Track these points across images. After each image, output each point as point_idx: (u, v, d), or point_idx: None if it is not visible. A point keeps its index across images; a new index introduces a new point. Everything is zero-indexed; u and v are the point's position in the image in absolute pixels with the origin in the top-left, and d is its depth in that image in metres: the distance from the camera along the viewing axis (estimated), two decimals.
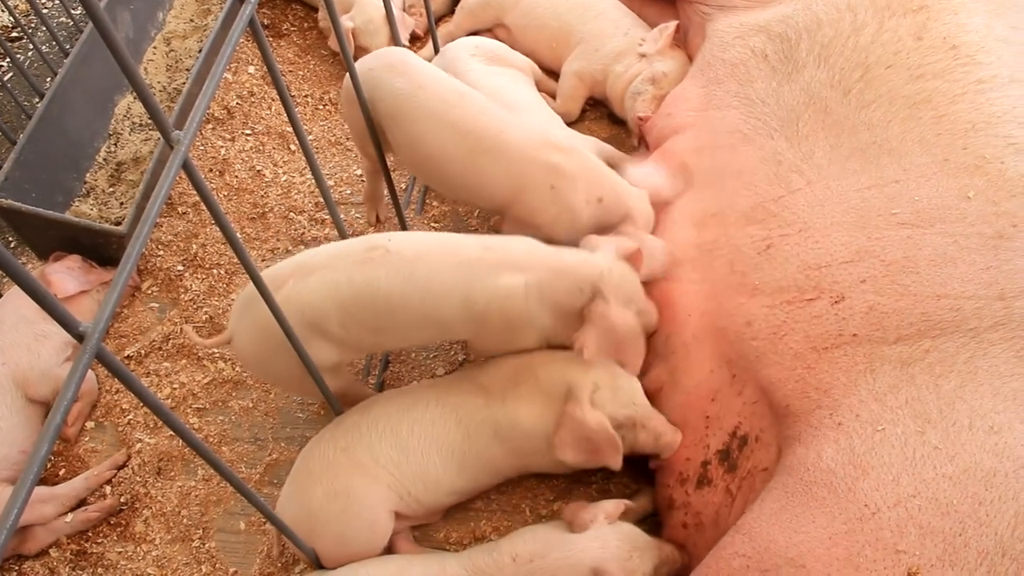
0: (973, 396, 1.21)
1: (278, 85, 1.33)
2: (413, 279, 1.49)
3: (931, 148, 1.46)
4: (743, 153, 1.75)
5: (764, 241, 1.57)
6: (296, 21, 2.82)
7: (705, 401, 1.59)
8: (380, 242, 1.52)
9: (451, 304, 1.52)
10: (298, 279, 1.49)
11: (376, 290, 1.49)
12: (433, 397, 1.63)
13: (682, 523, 1.54)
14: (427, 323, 1.56)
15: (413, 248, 1.52)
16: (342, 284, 1.49)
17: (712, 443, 1.55)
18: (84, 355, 0.82)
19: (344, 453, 1.57)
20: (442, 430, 1.59)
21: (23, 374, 1.85)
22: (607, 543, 1.45)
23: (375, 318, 1.52)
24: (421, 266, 1.50)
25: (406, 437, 1.58)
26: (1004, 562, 1.06)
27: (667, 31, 2.27)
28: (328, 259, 1.52)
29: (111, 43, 0.86)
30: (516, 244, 1.60)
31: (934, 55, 1.56)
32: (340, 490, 1.53)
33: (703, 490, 1.52)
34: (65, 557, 1.72)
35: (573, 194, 1.74)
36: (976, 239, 1.33)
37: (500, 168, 1.75)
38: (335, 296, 1.49)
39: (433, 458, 1.58)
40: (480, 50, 2.31)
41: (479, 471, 1.63)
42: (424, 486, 1.59)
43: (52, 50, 2.75)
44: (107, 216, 2.19)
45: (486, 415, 1.58)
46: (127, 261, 0.91)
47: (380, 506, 1.55)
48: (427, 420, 1.59)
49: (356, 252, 1.51)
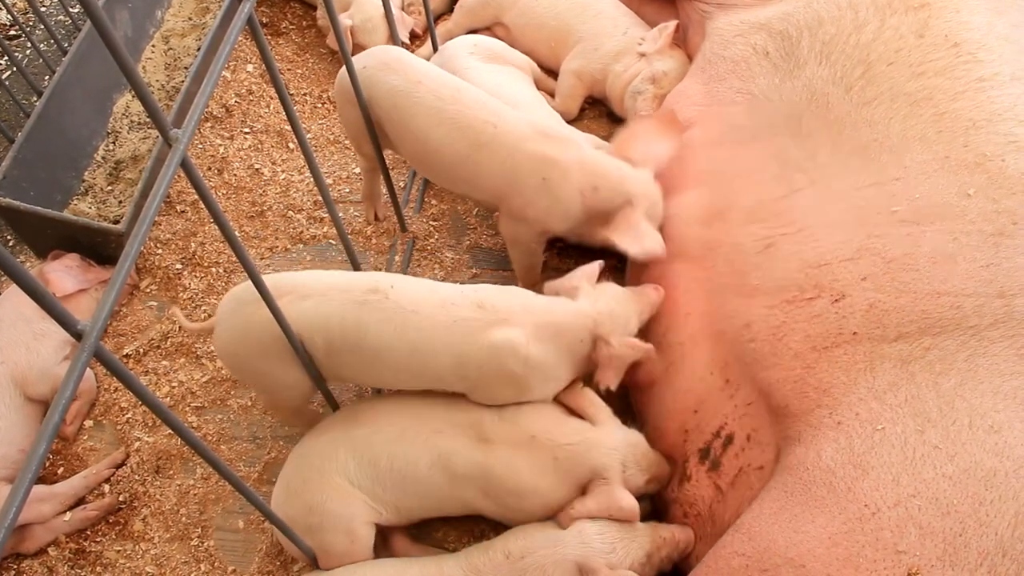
0: (973, 395, 1.21)
1: (276, 83, 1.33)
2: (404, 334, 1.48)
3: (932, 145, 1.45)
4: (748, 150, 1.75)
5: (765, 240, 1.57)
6: (294, 19, 2.81)
7: (691, 402, 1.60)
8: (383, 286, 1.50)
9: (442, 363, 1.51)
10: (294, 299, 1.48)
11: (364, 335, 1.48)
12: (422, 435, 1.57)
13: (683, 513, 1.56)
14: (417, 375, 1.55)
15: (411, 300, 1.50)
16: (333, 319, 1.47)
17: (691, 442, 1.57)
18: (82, 353, 0.82)
19: (319, 473, 1.56)
20: (424, 472, 1.55)
21: (22, 373, 1.84)
22: (588, 539, 1.47)
23: (360, 361, 1.52)
24: (413, 320, 1.48)
25: (384, 471, 1.56)
26: (1005, 562, 1.06)
27: (667, 30, 2.27)
28: (327, 288, 1.50)
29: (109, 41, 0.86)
30: (510, 300, 1.57)
31: (935, 53, 1.56)
32: (315, 506, 1.53)
33: (685, 486, 1.55)
34: (64, 556, 1.72)
35: (565, 185, 1.72)
36: (976, 236, 1.33)
37: (496, 161, 1.75)
38: (324, 328, 1.47)
39: (408, 495, 1.57)
40: (478, 48, 2.31)
41: (454, 510, 1.63)
42: (398, 512, 1.59)
43: (50, 48, 2.74)
44: (105, 214, 2.18)
45: (479, 472, 1.54)
46: (125, 259, 0.90)
47: (357, 520, 1.54)
48: (409, 458, 1.55)
49: (356, 290, 1.50)
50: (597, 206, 1.74)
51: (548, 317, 1.56)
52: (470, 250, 2.20)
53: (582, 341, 1.57)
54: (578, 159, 1.75)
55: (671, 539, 1.50)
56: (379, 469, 1.56)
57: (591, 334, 1.57)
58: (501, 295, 1.57)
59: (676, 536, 1.51)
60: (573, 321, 1.56)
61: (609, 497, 1.50)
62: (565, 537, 1.48)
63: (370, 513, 1.56)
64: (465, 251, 2.20)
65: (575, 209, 1.75)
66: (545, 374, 1.56)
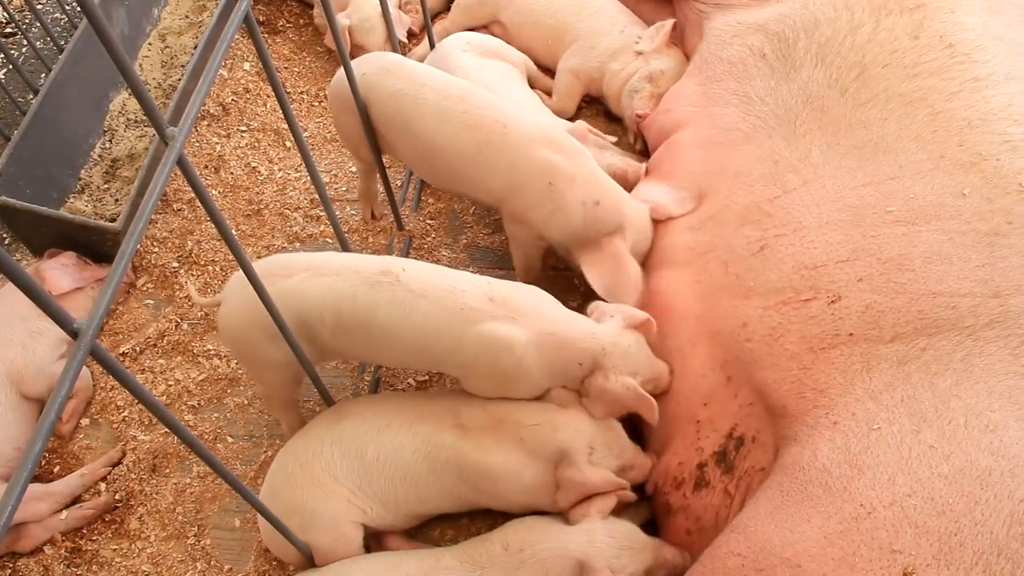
0: (968, 394, 1.21)
1: (273, 82, 1.33)
2: (410, 316, 1.50)
3: (927, 145, 1.46)
4: (741, 152, 1.75)
5: (759, 242, 1.57)
6: (291, 17, 2.81)
7: (698, 405, 1.59)
8: (395, 268, 1.52)
9: (443, 346, 1.52)
10: (309, 276, 1.51)
11: (374, 315, 1.50)
12: (406, 422, 1.59)
13: (685, 529, 1.53)
14: (418, 355, 1.57)
15: (420, 284, 1.52)
16: (346, 297, 1.50)
17: (706, 446, 1.54)
18: (78, 352, 0.82)
19: (301, 468, 1.57)
20: (409, 459, 1.57)
21: (18, 371, 1.84)
22: (596, 538, 1.46)
23: (367, 339, 1.54)
24: (422, 304, 1.50)
25: (371, 461, 1.57)
26: (1000, 561, 1.06)
27: (664, 29, 2.27)
28: (342, 267, 1.53)
29: (106, 39, 0.86)
30: (523, 297, 1.57)
31: (930, 53, 1.56)
32: (297, 505, 1.54)
33: (701, 492, 1.52)
34: (60, 555, 1.72)
35: (570, 193, 1.72)
36: (972, 236, 1.33)
37: (502, 161, 1.74)
38: (335, 306, 1.50)
39: (396, 485, 1.58)
40: (472, 46, 2.31)
41: (441, 502, 1.62)
42: (384, 507, 1.59)
43: (47, 46, 2.74)
44: (102, 213, 2.18)
45: (454, 454, 1.55)
46: (122, 258, 0.90)
47: (341, 519, 1.55)
48: (395, 446, 1.57)
49: (369, 271, 1.52)
50: (594, 222, 1.74)
51: (557, 327, 1.54)
52: (467, 249, 2.20)
53: (580, 364, 1.55)
54: (586, 170, 1.75)
55: (670, 562, 1.49)
56: (366, 460, 1.57)
57: (593, 360, 1.55)
58: (515, 293, 1.57)
59: (675, 559, 1.49)
60: (582, 341, 1.55)
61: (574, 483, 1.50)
62: (571, 534, 1.47)
63: (354, 511, 1.56)
64: (462, 250, 2.20)
65: (575, 220, 1.74)
66: (532, 382, 1.56)
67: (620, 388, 1.54)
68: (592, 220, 1.74)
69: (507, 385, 1.56)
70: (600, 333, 1.57)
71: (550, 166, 1.72)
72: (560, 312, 1.59)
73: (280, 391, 1.70)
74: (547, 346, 1.53)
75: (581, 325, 1.58)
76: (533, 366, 1.53)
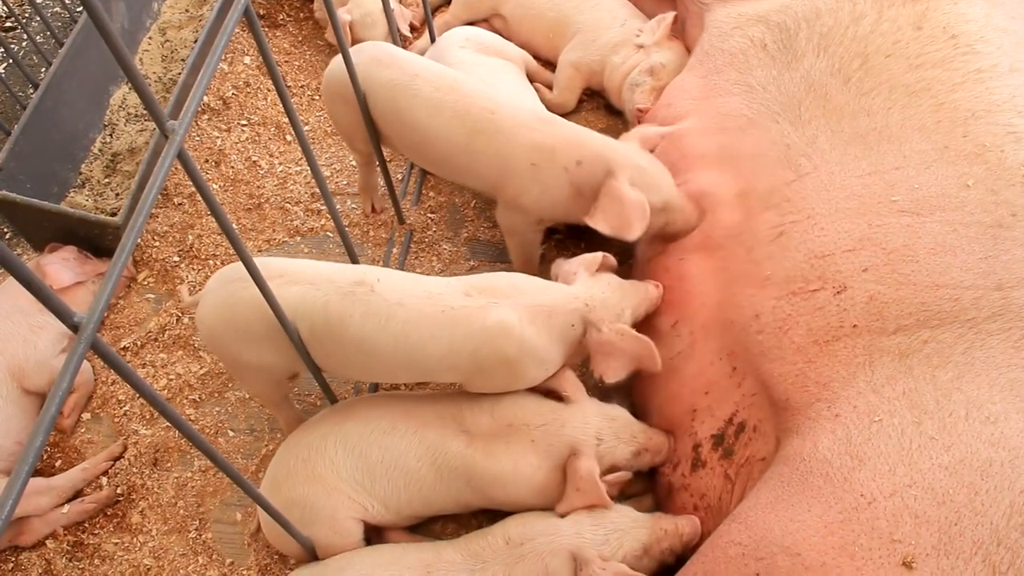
0: (970, 386, 1.21)
1: (274, 75, 1.33)
2: (387, 328, 1.47)
3: (931, 135, 1.45)
4: (750, 135, 1.74)
5: (778, 228, 1.56)
6: (292, 11, 2.80)
7: (699, 393, 1.59)
8: (370, 279, 1.50)
9: (431, 354, 1.50)
10: (282, 283, 1.46)
11: (347, 327, 1.47)
12: (412, 427, 1.58)
13: (692, 505, 1.55)
14: (403, 368, 1.54)
15: (397, 293, 1.49)
16: (318, 308, 1.46)
17: (700, 429, 1.56)
18: (79, 346, 0.82)
19: (304, 464, 1.57)
20: (414, 465, 1.56)
21: (19, 365, 1.84)
22: (583, 529, 1.47)
23: (342, 352, 1.51)
24: (399, 313, 1.47)
25: (375, 463, 1.56)
26: (999, 551, 1.06)
27: (665, 22, 2.27)
28: (315, 276, 1.49)
29: (106, 33, 0.85)
30: (498, 281, 1.57)
31: (933, 44, 1.55)
32: (298, 499, 1.54)
33: (699, 472, 1.53)
34: (62, 548, 1.72)
35: (552, 166, 1.72)
36: (975, 228, 1.33)
37: (492, 148, 1.75)
38: (308, 316, 1.47)
39: (399, 489, 1.58)
40: (470, 41, 2.31)
41: (445, 506, 1.63)
42: (386, 508, 1.59)
43: (47, 40, 2.73)
44: (102, 207, 2.18)
45: (462, 463, 1.55)
46: (122, 252, 0.90)
47: (342, 514, 1.55)
48: (400, 449, 1.56)
49: (343, 281, 1.49)
50: (583, 182, 1.72)
51: (539, 298, 1.55)
52: (468, 242, 2.20)
53: (573, 326, 1.56)
54: (562, 136, 1.74)
55: (673, 531, 1.49)
56: (370, 461, 1.56)
57: (582, 319, 1.56)
58: (487, 280, 1.58)
59: (680, 528, 1.49)
60: (564, 304, 1.56)
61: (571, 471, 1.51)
62: (562, 526, 1.49)
63: (354, 508, 1.56)
64: (463, 243, 2.20)
65: (564, 191, 1.74)
66: (538, 356, 1.55)
67: (615, 336, 1.55)
68: (579, 181, 1.73)
69: (515, 372, 1.55)
70: (576, 291, 1.59)
71: (531, 145, 1.72)
72: (538, 283, 1.60)
73: (262, 392, 1.68)
74: (540, 316, 1.53)
75: (559, 290, 1.60)
76: (535, 340, 1.52)
